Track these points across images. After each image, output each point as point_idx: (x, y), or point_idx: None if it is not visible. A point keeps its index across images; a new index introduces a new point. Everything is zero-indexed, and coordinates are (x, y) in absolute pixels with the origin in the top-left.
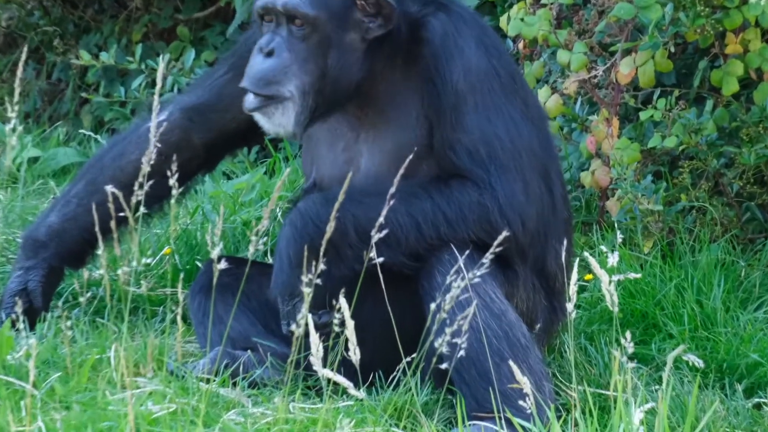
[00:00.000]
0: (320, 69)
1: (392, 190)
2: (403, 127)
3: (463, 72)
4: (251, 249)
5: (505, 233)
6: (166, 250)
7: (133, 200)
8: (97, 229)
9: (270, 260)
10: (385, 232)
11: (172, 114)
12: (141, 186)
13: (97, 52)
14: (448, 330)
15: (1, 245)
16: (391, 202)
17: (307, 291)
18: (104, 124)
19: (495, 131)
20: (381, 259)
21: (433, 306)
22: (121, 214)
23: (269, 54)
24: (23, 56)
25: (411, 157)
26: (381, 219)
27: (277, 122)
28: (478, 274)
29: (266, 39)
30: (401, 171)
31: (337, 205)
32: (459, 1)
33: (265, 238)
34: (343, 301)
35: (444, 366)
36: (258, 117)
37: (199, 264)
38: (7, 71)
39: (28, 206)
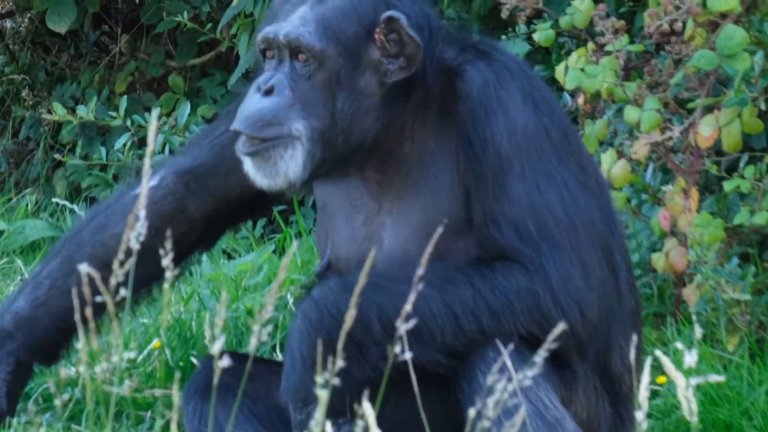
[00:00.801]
0: (329, 112)
1: (422, 272)
2: (434, 196)
3: (507, 131)
4: (253, 341)
5: (560, 326)
6: (156, 343)
7: (115, 282)
8: (76, 317)
9: (279, 356)
10: (415, 323)
11: (165, 179)
12: (124, 265)
13: (74, 106)
14: None
15: None
16: (423, 289)
17: (324, 394)
18: (81, 192)
19: (546, 202)
20: (410, 355)
21: (473, 412)
22: (101, 299)
23: (268, 92)
24: None
25: (444, 232)
26: (410, 308)
27: (282, 166)
28: (530, 375)
29: (265, 77)
30: (430, 248)
31: (357, 291)
32: (503, 48)
33: (271, 329)
34: (367, 406)
35: None
36: (251, 163)
37: (195, 360)
38: None
39: None
